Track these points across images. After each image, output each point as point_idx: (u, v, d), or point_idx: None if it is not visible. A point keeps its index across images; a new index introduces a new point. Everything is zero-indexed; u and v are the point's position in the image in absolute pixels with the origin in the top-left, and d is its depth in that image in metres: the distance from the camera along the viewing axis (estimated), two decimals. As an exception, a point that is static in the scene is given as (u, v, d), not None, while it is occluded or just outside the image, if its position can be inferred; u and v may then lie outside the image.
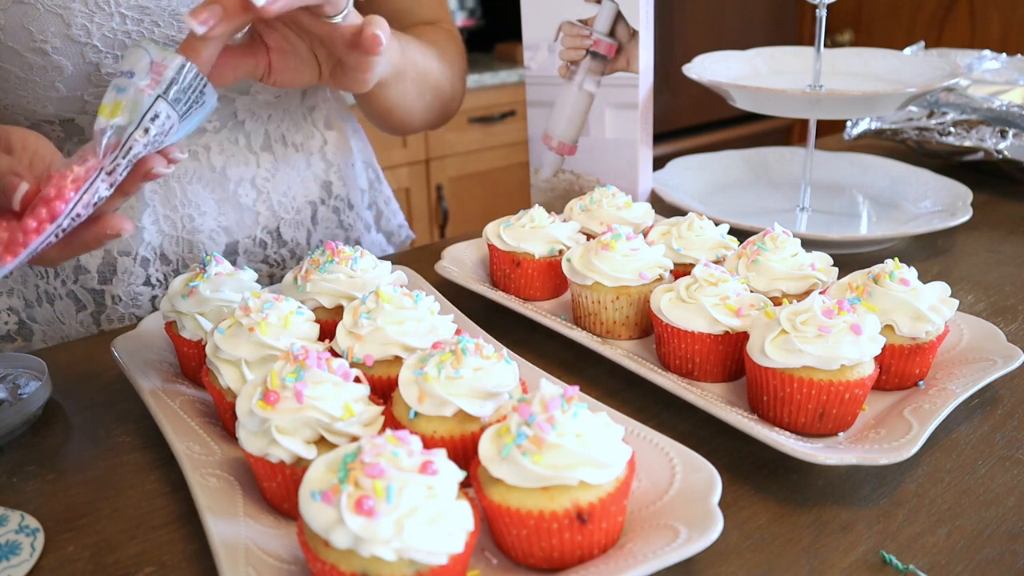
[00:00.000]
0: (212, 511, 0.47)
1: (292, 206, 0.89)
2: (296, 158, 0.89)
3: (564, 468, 0.42)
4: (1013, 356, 0.60)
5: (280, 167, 0.87)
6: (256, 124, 0.84)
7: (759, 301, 0.61)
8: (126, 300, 0.81)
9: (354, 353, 0.57)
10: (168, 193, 0.80)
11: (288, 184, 0.88)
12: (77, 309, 0.81)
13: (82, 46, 0.68)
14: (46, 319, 0.82)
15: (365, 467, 0.39)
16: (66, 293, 0.80)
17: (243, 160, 0.84)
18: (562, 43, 0.92)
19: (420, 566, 0.39)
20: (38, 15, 0.66)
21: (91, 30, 0.68)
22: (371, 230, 1.01)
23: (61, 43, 0.68)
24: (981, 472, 0.53)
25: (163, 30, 0.71)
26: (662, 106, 2.38)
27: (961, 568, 0.45)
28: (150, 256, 0.80)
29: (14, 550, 0.48)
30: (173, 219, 0.81)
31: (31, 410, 0.61)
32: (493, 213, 0.89)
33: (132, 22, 0.69)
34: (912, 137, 1.14)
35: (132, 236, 0.79)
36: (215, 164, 0.82)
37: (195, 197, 0.81)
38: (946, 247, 0.90)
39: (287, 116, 0.87)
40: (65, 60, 0.68)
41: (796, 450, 0.50)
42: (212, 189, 0.82)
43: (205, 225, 0.82)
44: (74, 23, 0.67)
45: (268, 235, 0.87)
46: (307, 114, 0.91)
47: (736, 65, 1.02)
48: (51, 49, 0.68)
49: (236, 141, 0.83)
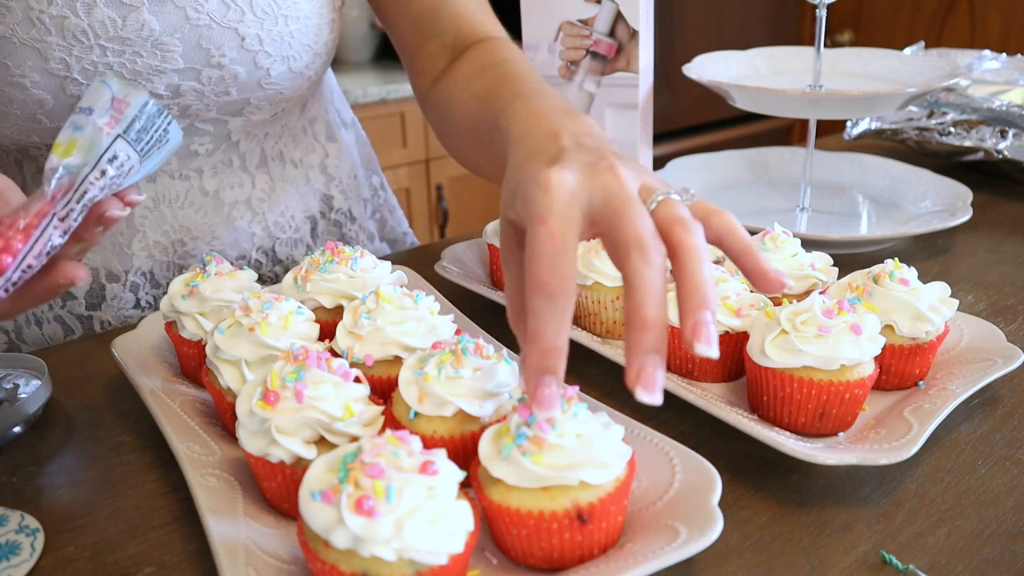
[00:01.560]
0: (212, 511, 0.47)
1: (290, 225, 0.86)
2: (295, 174, 0.86)
3: (564, 468, 0.42)
4: (1013, 356, 0.60)
5: (277, 186, 0.84)
6: (252, 144, 0.81)
7: (759, 301, 0.61)
8: (116, 324, 0.79)
9: (354, 353, 0.57)
10: (159, 219, 0.78)
11: (286, 203, 0.85)
12: (65, 333, 0.79)
13: (62, 79, 0.65)
14: (35, 340, 0.80)
15: (365, 467, 0.39)
16: (54, 318, 0.79)
17: (237, 182, 0.81)
18: (562, 43, 0.92)
19: (420, 566, 0.39)
20: (14, 49, 0.63)
21: (70, 63, 0.65)
22: (374, 239, 0.98)
23: (40, 77, 0.65)
24: (981, 472, 0.53)
25: (146, 60, 0.67)
26: (662, 106, 2.37)
27: (961, 568, 0.45)
28: (140, 281, 0.79)
29: (14, 550, 0.48)
30: (164, 244, 0.78)
31: (31, 410, 0.61)
32: (493, 213, 0.89)
33: (113, 54, 0.66)
34: (912, 137, 1.14)
35: (121, 262, 0.77)
36: (207, 188, 0.79)
37: (187, 222, 0.79)
38: (946, 247, 0.90)
39: (285, 132, 0.84)
40: (45, 94, 0.66)
41: (796, 450, 0.50)
42: (205, 213, 0.79)
43: (197, 249, 0.80)
44: (52, 57, 0.64)
45: (263, 255, 0.84)
46: (307, 127, 0.88)
47: (736, 65, 1.02)
48: (30, 84, 0.65)
49: (230, 163, 0.80)
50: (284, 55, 0.73)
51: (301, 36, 0.73)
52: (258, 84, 0.73)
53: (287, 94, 0.77)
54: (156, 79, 0.68)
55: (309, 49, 0.75)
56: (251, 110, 0.76)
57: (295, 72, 0.75)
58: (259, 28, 0.70)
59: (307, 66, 0.76)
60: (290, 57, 0.73)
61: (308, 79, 0.78)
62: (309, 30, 0.74)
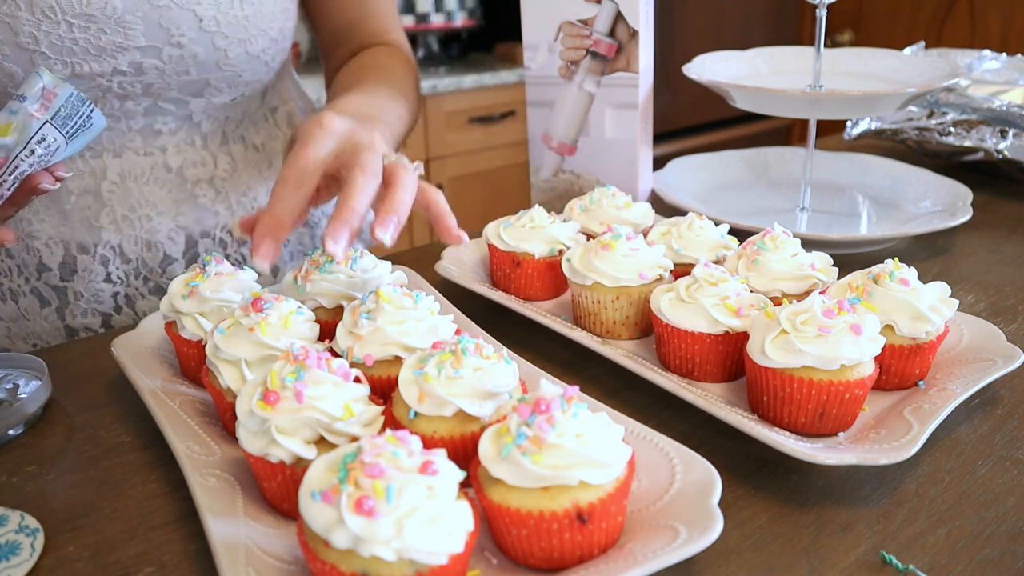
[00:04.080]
0: (212, 511, 0.47)
1: (253, 205, 0.89)
2: (257, 158, 0.89)
3: (564, 468, 0.42)
4: (1013, 356, 0.60)
5: (239, 167, 0.87)
6: (213, 125, 0.84)
7: (759, 301, 0.61)
8: (88, 296, 0.82)
9: (354, 353, 0.57)
10: (125, 193, 0.80)
11: (248, 184, 0.88)
12: (41, 305, 0.82)
13: (31, 53, 0.69)
14: (11, 315, 0.83)
15: (365, 467, 0.39)
16: (30, 290, 0.82)
17: (200, 160, 0.84)
18: (562, 43, 0.92)
19: (420, 566, 0.39)
20: None
21: (39, 37, 0.69)
22: None
23: (11, 51, 0.69)
24: (981, 472, 0.53)
25: (110, 37, 0.71)
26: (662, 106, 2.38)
27: (961, 568, 0.45)
28: (109, 255, 0.81)
29: (14, 550, 0.48)
30: (131, 218, 0.81)
31: (31, 410, 0.61)
32: (493, 213, 0.89)
33: (79, 29, 0.70)
34: (912, 137, 1.14)
35: (91, 235, 0.80)
36: (171, 164, 0.82)
37: (152, 197, 0.82)
38: (946, 247, 0.90)
39: (246, 117, 0.88)
40: (15, 67, 0.69)
41: (796, 450, 0.50)
42: (169, 189, 0.82)
43: (163, 224, 0.82)
44: (22, 31, 0.68)
45: (228, 234, 0.87)
46: (268, 115, 0.91)
47: (736, 65, 1.02)
48: (1, 57, 0.69)
49: (193, 142, 0.83)
50: (241, 38, 0.78)
51: (257, 20, 0.79)
52: (216, 65, 0.78)
53: (245, 77, 0.82)
54: (120, 56, 0.73)
55: (265, 34, 0.80)
56: (211, 91, 0.80)
57: (252, 55, 0.80)
58: (216, 10, 0.75)
59: (263, 50, 0.81)
60: (246, 40, 0.78)
61: (265, 64, 0.83)
62: (264, 15, 0.79)
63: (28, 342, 0.84)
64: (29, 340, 0.84)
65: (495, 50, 2.60)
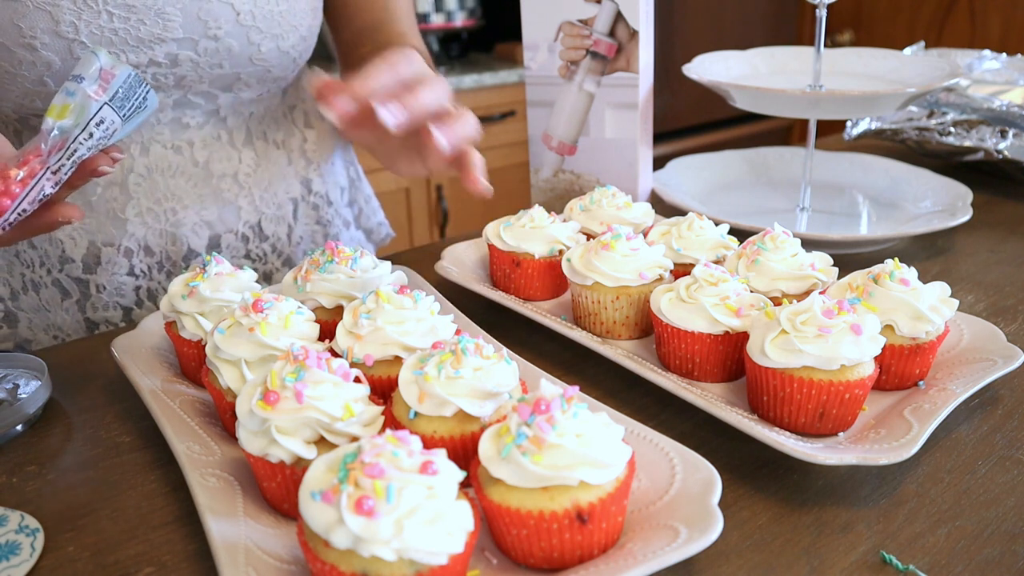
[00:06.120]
0: (212, 511, 0.47)
1: (273, 201, 0.90)
2: (277, 155, 0.90)
3: (564, 468, 0.42)
4: (1013, 356, 0.60)
5: (262, 163, 0.88)
6: (238, 120, 0.86)
7: (759, 301, 0.61)
8: (110, 289, 0.82)
9: (354, 353, 0.57)
10: (152, 186, 0.81)
11: (269, 180, 0.89)
12: (62, 297, 0.82)
13: (70, 42, 0.70)
14: (32, 307, 0.83)
15: (365, 467, 0.39)
16: (51, 282, 0.82)
17: (225, 155, 0.85)
18: (562, 43, 0.92)
19: (420, 566, 0.39)
20: (28, 12, 0.68)
21: (79, 27, 0.69)
22: (350, 227, 1.02)
23: (50, 39, 0.69)
24: (981, 472, 0.53)
25: (148, 28, 0.72)
26: (662, 106, 2.38)
27: (961, 568, 0.45)
28: (133, 247, 0.82)
29: (14, 550, 0.48)
30: (156, 212, 0.82)
31: (31, 410, 0.61)
32: (493, 213, 0.89)
33: (119, 19, 0.71)
34: (912, 137, 1.14)
35: (116, 227, 0.81)
36: (198, 159, 0.83)
37: (178, 191, 0.82)
38: (946, 247, 0.90)
39: (268, 114, 0.89)
40: (54, 56, 0.70)
41: (796, 450, 0.50)
42: (195, 183, 0.83)
43: (188, 218, 0.83)
44: (63, 20, 0.69)
45: (250, 229, 0.88)
46: (287, 112, 0.92)
47: (736, 65, 1.02)
48: (40, 45, 0.69)
49: (219, 137, 0.84)
50: (274, 33, 0.79)
51: (290, 17, 0.80)
52: (249, 59, 0.79)
53: (274, 72, 0.83)
54: (157, 47, 0.74)
55: (296, 30, 0.82)
56: (240, 86, 0.82)
57: (283, 51, 0.82)
58: (252, 5, 0.77)
59: (293, 46, 0.83)
60: (279, 35, 0.80)
61: (293, 60, 0.84)
62: (296, 12, 0.81)
63: (49, 334, 0.84)
64: (50, 332, 0.84)
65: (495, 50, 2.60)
